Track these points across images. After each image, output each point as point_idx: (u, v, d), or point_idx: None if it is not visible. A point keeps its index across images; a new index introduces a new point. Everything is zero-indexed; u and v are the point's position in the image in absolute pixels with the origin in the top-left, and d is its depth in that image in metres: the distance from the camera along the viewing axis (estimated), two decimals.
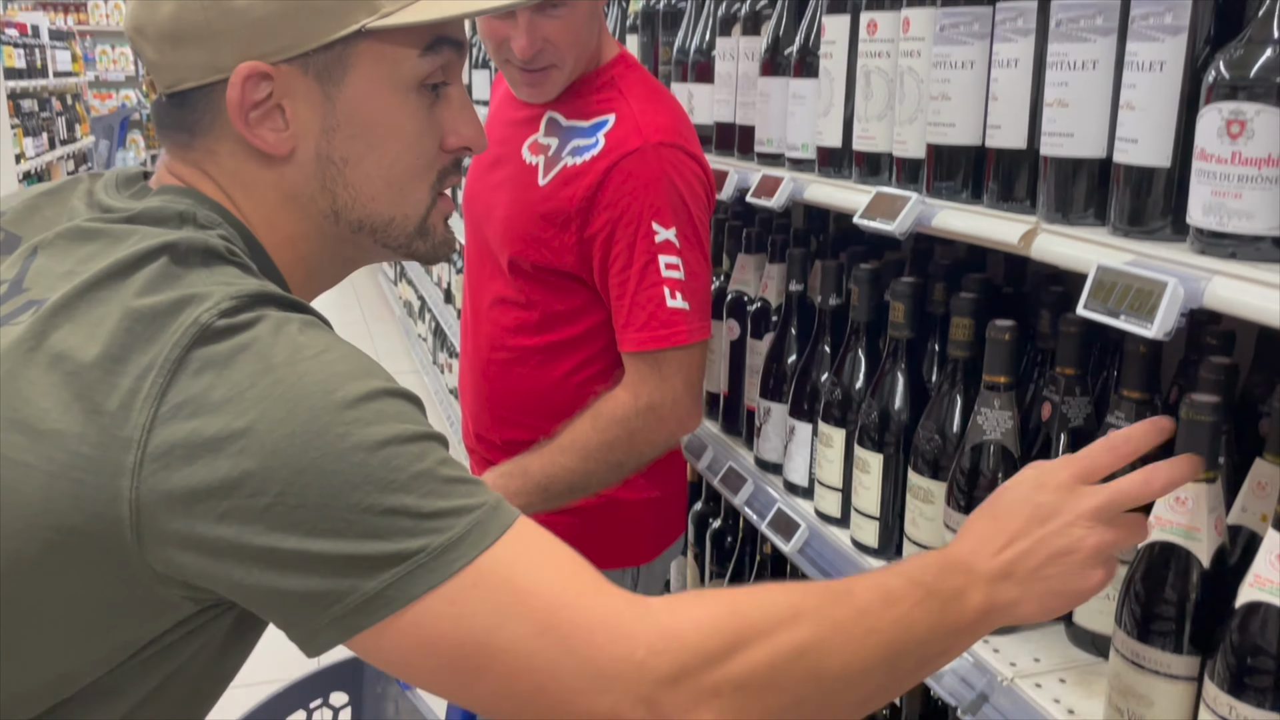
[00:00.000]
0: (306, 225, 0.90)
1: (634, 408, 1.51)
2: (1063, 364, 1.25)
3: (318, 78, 0.85)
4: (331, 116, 0.86)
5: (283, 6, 0.82)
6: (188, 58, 0.83)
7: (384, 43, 0.85)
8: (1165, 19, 0.95)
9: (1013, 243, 1.09)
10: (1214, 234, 0.90)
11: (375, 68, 0.86)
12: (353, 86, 0.85)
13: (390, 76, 0.86)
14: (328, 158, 0.87)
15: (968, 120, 1.20)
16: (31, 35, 7.01)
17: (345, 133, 0.87)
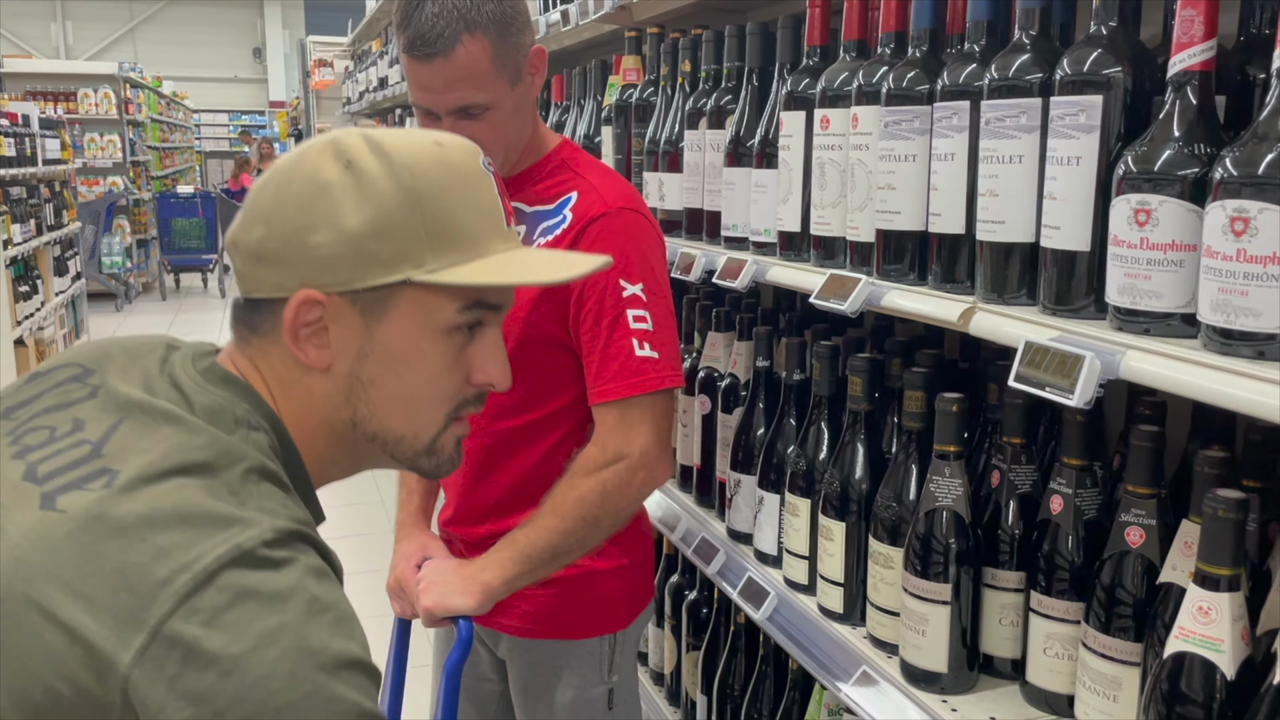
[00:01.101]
0: (328, 428, 1.00)
1: (602, 459, 1.52)
2: (1009, 434, 1.32)
3: (363, 311, 0.96)
4: (368, 344, 0.97)
5: (345, 251, 0.93)
6: (264, 274, 0.96)
7: (426, 293, 0.96)
8: (1080, 119, 1.05)
9: (953, 320, 1.17)
10: (1129, 312, 0.99)
11: (414, 311, 0.96)
12: (391, 323, 0.96)
13: (425, 321, 0.97)
14: (357, 377, 0.98)
15: (912, 208, 1.30)
16: (22, 124, 7.15)
17: (376, 360, 0.97)
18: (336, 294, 0.95)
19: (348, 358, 0.97)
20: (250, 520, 0.85)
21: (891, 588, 1.38)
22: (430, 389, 0.99)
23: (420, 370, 0.98)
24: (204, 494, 0.86)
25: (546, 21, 2.77)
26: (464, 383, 1.01)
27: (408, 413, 1.00)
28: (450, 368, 1.00)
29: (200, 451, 0.89)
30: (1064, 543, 1.22)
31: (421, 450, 1.02)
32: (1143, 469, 1.12)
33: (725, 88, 1.87)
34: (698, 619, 2.08)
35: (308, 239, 0.94)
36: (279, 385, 0.99)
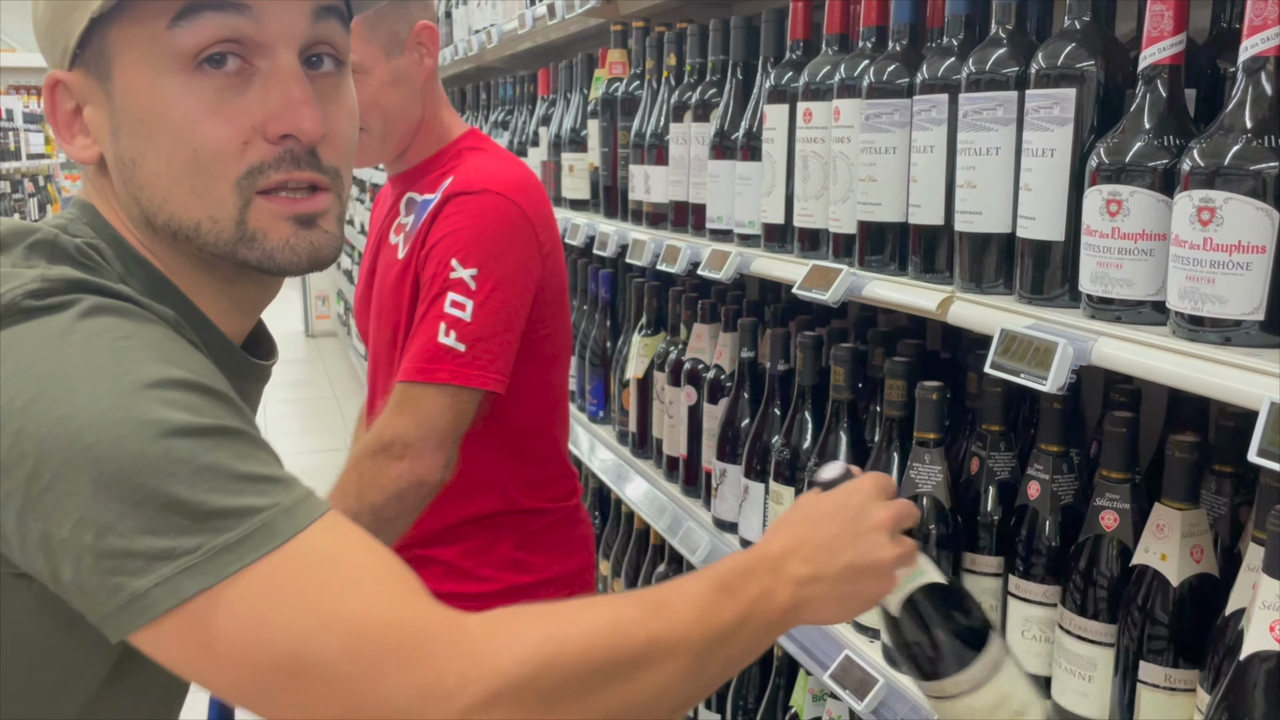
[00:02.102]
0: (142, 234, 0.85)
1: (375, 443, 1.40)
2: (988, 421, 1.35)
3: (97, 77, 0.81)
4: (114, 115, 0.81)
5: (48, 10, 0.81)
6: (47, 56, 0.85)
7: (131, 24, 0.78)
8: (1054, 111, 1.07)
9: (932, 310, 1.20)
10: (1101, 300, 1.01)
11: (130, 53, 0.79)
12: (120, 79, 0.80)
13: (146, 59, 0.79)
14: (120, 159, 0.82)
15: (892, 200, 1.32)
16: (6, 119, 7.13)
17: (126, 130, 0.81)
18: (71, 68, 0.81)
19: (106, 139, 0.82)
20: (15, 275, 0.74)
21: None
22: (188, 149, 0.79)
23: (167, 127, 0.79)
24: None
25: (533, 15, 2.78)
26: (249, 137, 0.81)
27: (179, 189, 0.81)
28: (205, 116, 0.79)
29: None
30: (1041, 527, 1.24)
31: (232, 238, 0.82)
32: (1117, 454, 1.14)
33: (710, 81, 1.88)
34: None
35: (35, 16, 0.83)
36: (97, 200, 0.86)
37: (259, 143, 0.81)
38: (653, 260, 1.96)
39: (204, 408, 0.72)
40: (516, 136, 3.20)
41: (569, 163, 2.61)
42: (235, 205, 0.81)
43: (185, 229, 0.82)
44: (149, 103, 0.79)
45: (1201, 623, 1.04)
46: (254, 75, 0.81)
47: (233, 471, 0.70)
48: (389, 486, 1.38)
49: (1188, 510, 1.06)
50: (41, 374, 0.70)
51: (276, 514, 0.70)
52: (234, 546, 0.68)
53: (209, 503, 0.69)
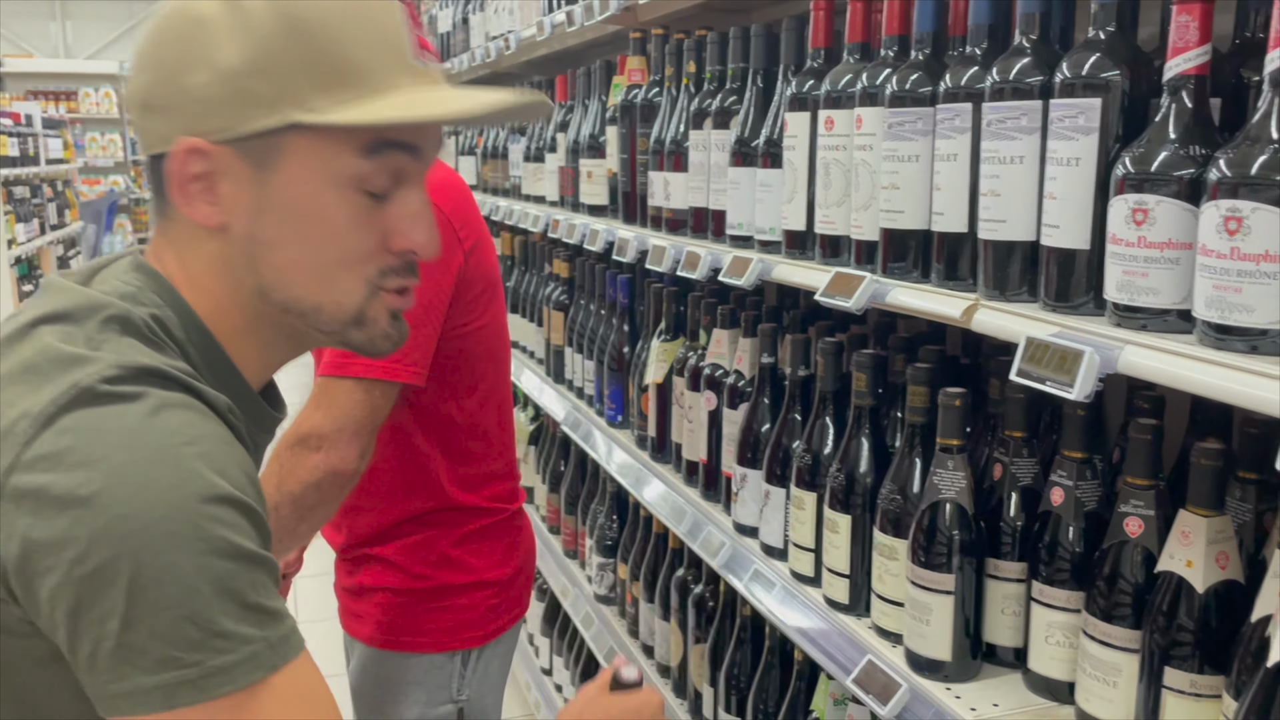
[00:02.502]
0: (238, 299, 0.92)
1: (293, 435, 1.43)
2: (1011, 427, 1.35)
3: (253, 162, 0.87)
4: (263, 200, 0.88)
5: (224, 92, 0.85)
6: (153, 126, 0.89)
7: (318, 138, 0.86)
8: (1079, 120, 1.08)
9: (955, 317, 1.20)
10: (1127, 308, 1.02)
11: (308, 160, 0.87)
12: (284, 174, 0.87)
13: (322, 171, 0.87)
14: (254, 238, 0.89)
15: (915, 207, 1.33)
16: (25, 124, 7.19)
17: (274, 217, 0.88)
18: (222, 142, 0.86)
19: (243, 215, 0.88)
20: (94, 359, 0.80)
21: (896, 579, 1.41)
22: (338, 250, 0.89)
23: (323, 228, 0.88)
24: (58, 339, 0.82)
25: (551, 22, 2.79)
26: (382, 247, 0.91)
27: (317, 278, 0.90)
28: (358, 226, 0.89)
29: (61, 303, 0.85)
30: (1065, 533, 1.25)
31: (348, 321, 0.93)
32: (1141, 461, 1.15)
33: (730, 88, 1.90)
34: (703, 612, 2.11)
35: (185, 80, 0.86)
36: (180, 253, 0.92)
37: (384, 251, 0.93)
38: (673, 266, 1.97)
39: (242, 529, 0.79)
40: (533, 143, 3.21)
41: (587, 169, 2.62)
42: (362, 296, 0.92)
43: (302, 308, 0.92)
44: (310, 203, 0.88)
45: (1227, 629, 1.05)
46: (395, 194, 0.92)
47: (245, 599, 0.78)
48: (306, 477, 1.42)
49: (1213, 517, 1.06)
50: (110, 469, 0.76)
51: (264, 647, 0.79)
52: (228, 669, 0.77)
53: (217, 624, 0.76)
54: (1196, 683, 1.06)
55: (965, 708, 1.27)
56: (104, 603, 0.74)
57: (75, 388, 0.78)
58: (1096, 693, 1.16)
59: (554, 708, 3.01)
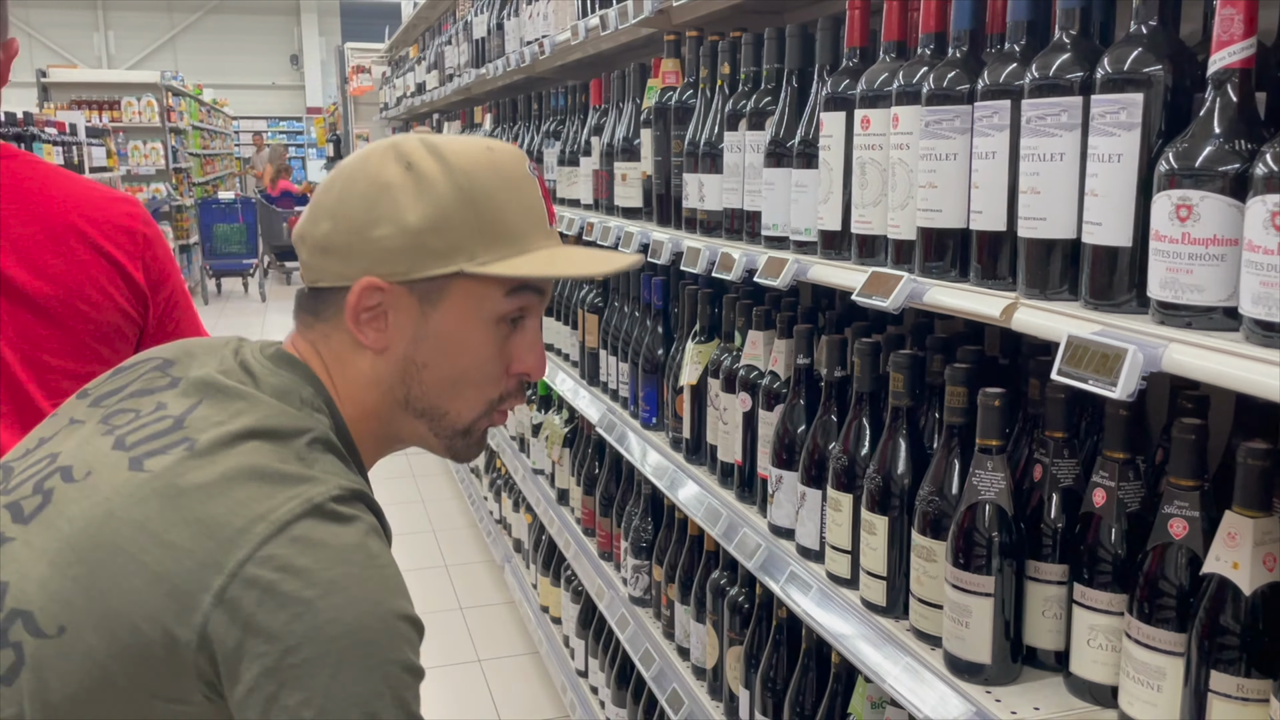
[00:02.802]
0: (382, 405, 1.08)
1: None
2: (1051, 428, 1.34)
3: (420, 299, 1.04)
4: (423, 329, 1.05)
5: (405, 244, 1.02)
6: (329, 265, 1.05)
7: (477, 283, 1.05)
8: (1121, 116, 1.06)
9: (995, 316, 1.19)
10: (1171, 306, 1.00)
11: (465, 300, 1.05)
12: (445, 311, 1.05)
13: (476, 309, 1.06)
14: (411, 359, 1.06)
15: (953, 206, 1.32)
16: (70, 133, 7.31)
17: (430, 344, 1.06)
18: (396, 283, 1.03)
19: (404, 341, 1.06)
20: (320, 479, 0.94)
21: (934, 580, 1.40)
22: (478, 372, 1.08)
23: (469, 354, 1.07)
24: (274, 457, 0.95)
25: (585, 26, 2.80)
26: (505, 371, 1.09)
27: (455, 393, 1.08)
28: (496, 354, 1.08)
29: (270, 420, 0.98)
30: (1107, 535, 1.23)
31: (460, 430, 1.10)
32: (1186, 461, 1.13)
33: (765, 89, 1.89)
34: (739, 614, 2.11)
35: (371, 233, 1.03)
36: (337, 366, 1.08)
37: (506, 375, 1.10)
38: (708, 268, 1.97)
39: (415, 647, 0.92)
40: (568, 146, 3.22)
41: (621, 171, 2.63)
42: (478, 413, 1.10)
43: (435, 414, 1.09)
44: (462, 335, 1.06)
45: (1275, 632, 1.03)
46: (521, 325, 1.10)
47: (411, 710, 0.91)
48: None
49: (1260, 518, 1.04)
50: (332, 579, 0.88)
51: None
52: None
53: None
54: (1243, 686, 1.04)
55: (1006, 710, 1.26)
56: (304, 692, 0.86)
57: (309, 503, 0.91)
58: (1140, 696, 1.15)
59: (590, 710, 3.01)
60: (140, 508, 0.91)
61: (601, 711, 2.95)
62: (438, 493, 5.41)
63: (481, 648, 3.80)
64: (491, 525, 4.50)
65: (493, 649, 3.79)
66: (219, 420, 0.97)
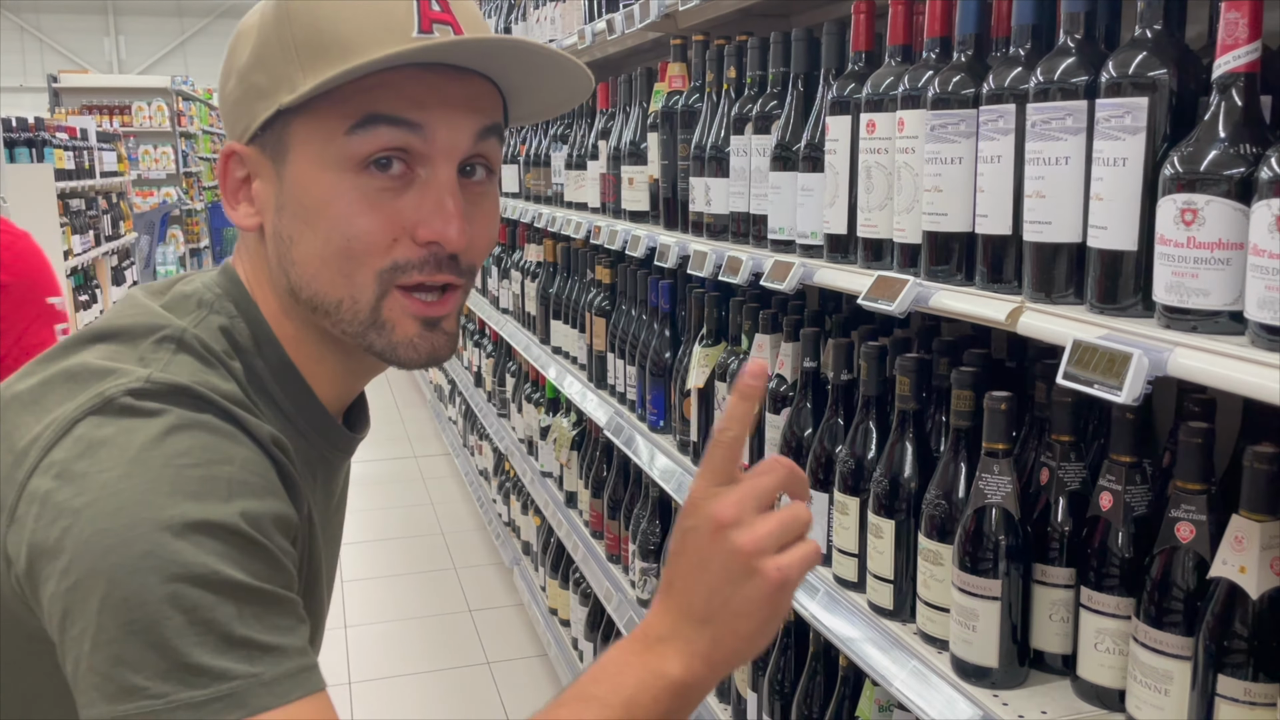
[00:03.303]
0: (284, 303, 0.91)
1: None
2: (1058, 431, 1.34)
3: (271, 158, 0.87)
4: (281, 194, 0.88)
5: (240, 91, 0.88)
6: None
7: (313, 122, 0.85)
8: (1126, 120, 1.06)
9: (1000, 320, 1.19)
10: (1176, 310, 1.00)
11: (307, 146, 0.85)
12: (293, 165, 0.86)
13: (320, 154, 0.85)
14: (280, 234, 0.88)
15: (958, 210, 1.32)
16: (80, 138, 7.36)
17: (290, 211, 0.87)
18: (247, 143, 0.88)
19: (270, 213, 0.89)
20: (126, 371, 0.79)
21: (941, 584, 1.40)
22: (342, 239, 0.85)
23: (327, 216, 0.85)
24: (103, 355, 0.81)
25: (592, 30, 2.81)
26: (398, 235, 0.86)
27: (328, 269, 0.86)
28: (362, 212, 0.85)
29: (121, 320, 0.85)
30: (1114, 539, 1.23)
31: (365, 322, 0.88)
32: (1192, 465, 1.13)
33: (770, 93, 1.90)
34: None
35: (225, 89, 0.90)
36: (247, 260, 0.93)
37: (406, 242, 0.87)
38: (714, 271, 1.97)
39: (233, 559, 0.74)
40: (575, 150, 3.23)
41: (629, 175, 2.63)
42: (374, 293, 0.87)
43: (326, 305, 0.88)
44: (315, 192, 0.86)
45: None
46: (413, 180, 0.87)
47: (226, 631, 0.72)
48: None
49: (1267, 521, 1.04)
50: (104, 482, 0.73)
51: (251, 685, 0.72)
52: (197, 706, 0.70)
53: (189, 656, 0.71)
54: (1250, 690, 1.04)
55: (1013, 715, 1.26)
56: (80, 620, 0.72)
57: (100, 397, 0.77)
58: (1148, 700, 1.15)
59: None
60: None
61: None
62: (447, 495, 5.42)
63: (491, 650, 3.81)
64: (500, 528, 4.51)
65: (502, 651, 3.79)
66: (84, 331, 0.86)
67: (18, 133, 5.88)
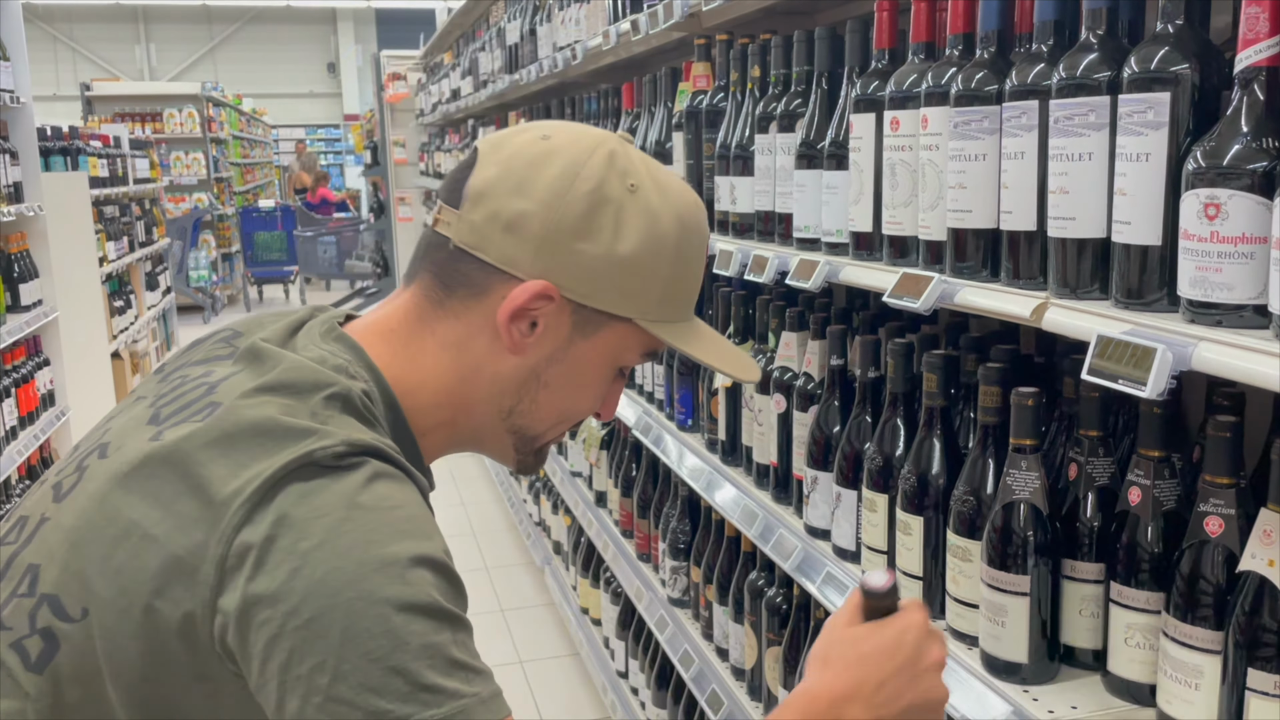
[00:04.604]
0: (481, 403, 1.03)
1: None
2: (1086, 427, 1.34)
3: (576, 324, 1.01)
4: (563, 352, 1.02)
5: (603, 269, 0.98)
6: (504, 242, 0.97)
7: (631, 333, 1.02)
8: (1148, 115, 1.06)
9: (1025, 316, 1.20)
10: (1201, 304, 1.00)
11: (614, 343, 1.03)
12: (592, 345, 1.02)
13: (616, 354, 1.04)
14: (538, 375, 1.02)
15: (983, 206, 1.32)
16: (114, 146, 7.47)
17: (561, 369, 1.03)
18: (567, 298, 0.99)
19: (541, 355, 1.01)
20: (327, 433, 0.86)
21: (970, 580, 1.41)
22: (582, 409, 1.08)
23: (588, 392, 1.06)
24: (282, 410, 0.88)
25: (617, 31, 2.83)
26: None
27: (556, 420, 1.07)
28: (600, 396, 1.08)
29: (288, 375, 0.91)
30: (1143, 533, 1.23)
31: (535, 450, 1.09)
32: (1221, 459, 1.13)
33: (795, 92, 1.90)
34: (777, 615, 2.12)
35: (577, 243, 0.97)
36: (453, 349, 1.01)
37: None
38: (740, 270, 1.98)
39: (443, 590, 0.83)
40: None
41: None
42: (557, 436, 1.09)
43: (529, 435, 1.07)
44: (591, 372, 1.05)
45: None
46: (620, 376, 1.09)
47: (449, 656, 0.81)
48: None
49: None
50: (328, 526, 0.81)
51: (474, 703, 0.80)
52: None
53: (425, 678, 0.79)
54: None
55: (1043, 710, 1.26)
56: (315, 656, 0.78)
57: (305, 455, 0.84)
58: (1178, 695, 1.15)
59: (630, 710, 3.03)
60: (151, 480, 0.86)
61: (642, 712, 2.97)
62: (477, 496, 5.46)
63: (523, 649, 3.84)
64: (531, 528, 4.54)
65: (534, 650, 3.82)
66: (244, 383, 0.92)
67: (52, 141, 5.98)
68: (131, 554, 0.84)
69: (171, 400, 0.95)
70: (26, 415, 4.23)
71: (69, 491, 0.92)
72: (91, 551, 0.86)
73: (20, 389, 4.17)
